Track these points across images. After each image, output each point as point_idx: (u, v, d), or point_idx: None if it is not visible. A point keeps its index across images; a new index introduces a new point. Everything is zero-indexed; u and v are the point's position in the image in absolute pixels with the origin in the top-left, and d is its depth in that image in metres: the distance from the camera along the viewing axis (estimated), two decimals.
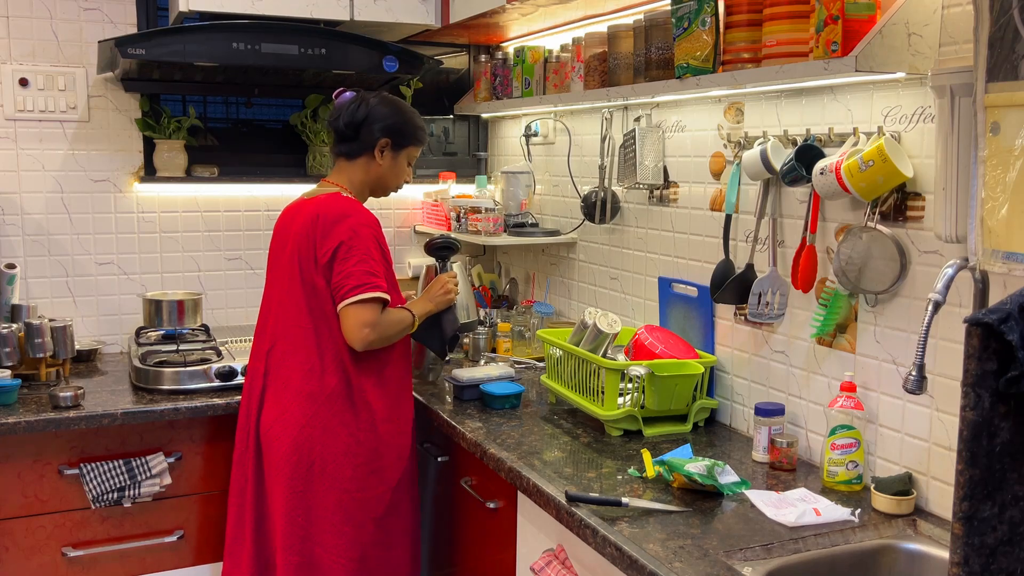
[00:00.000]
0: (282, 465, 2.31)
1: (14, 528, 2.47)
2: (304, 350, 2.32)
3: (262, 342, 2.41)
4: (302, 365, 2.32)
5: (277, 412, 2.33)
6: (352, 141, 2.40)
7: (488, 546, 2.33)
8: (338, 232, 2.26)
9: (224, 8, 2.83)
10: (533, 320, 3.09)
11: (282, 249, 2.38)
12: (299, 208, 2.39)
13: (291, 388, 2.32)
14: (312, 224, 2.29)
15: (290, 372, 2.33)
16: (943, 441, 1.81)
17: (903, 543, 1.74)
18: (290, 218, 2.40)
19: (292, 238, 2.34)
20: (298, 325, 2.33)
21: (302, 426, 2.30)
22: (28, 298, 3.04)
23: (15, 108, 2.99)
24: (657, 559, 1.60)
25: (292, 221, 2.37)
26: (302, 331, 2.32)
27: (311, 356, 2.31)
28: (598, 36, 2.64)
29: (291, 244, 2.34)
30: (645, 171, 2.61)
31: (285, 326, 2.35)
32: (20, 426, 2.39)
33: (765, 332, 2.28)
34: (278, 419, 2.32)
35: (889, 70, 1.75)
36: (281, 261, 2.38)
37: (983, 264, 1.54)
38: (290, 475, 2.30)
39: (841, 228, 2.03)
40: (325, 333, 2.31)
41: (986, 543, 0.94)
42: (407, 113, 2.46)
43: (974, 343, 0.92)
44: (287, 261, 2.35)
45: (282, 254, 2.38)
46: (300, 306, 2.32)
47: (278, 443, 2.32)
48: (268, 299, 2.44)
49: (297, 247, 2.32)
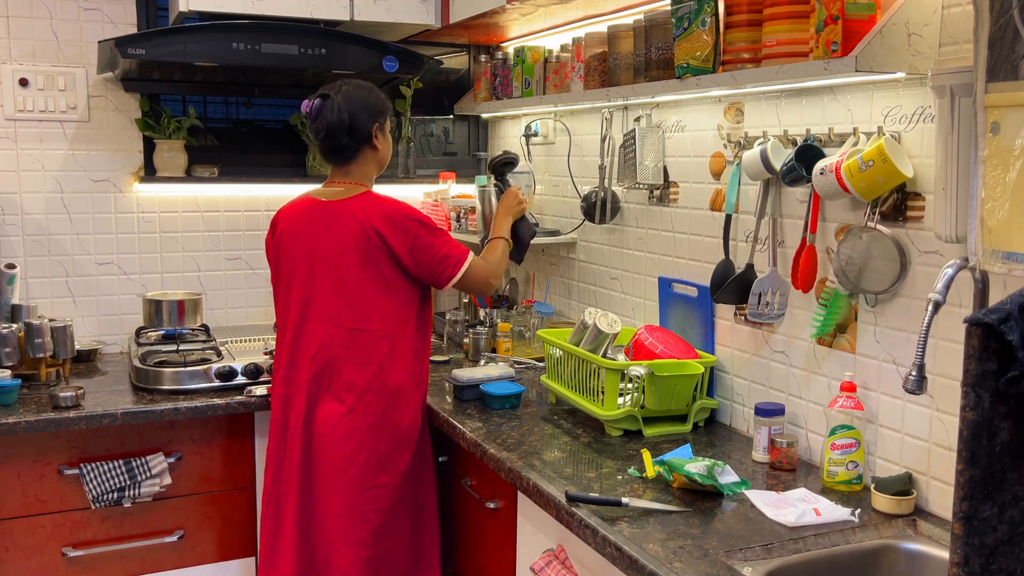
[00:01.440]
0: (346, 465, 2.33)
1: (14, 528, 2.47)
2: (371, 350, 2.35)
3: (309, 346, 2.37)
4: (369, 364, 2.35)
5: (341, 412, 2.34)
6: (347, 146, 2.40)
7: (488, 546, 2.33)
8: (405, 225, 2.33)
9: (224, 8, 2.83)
10: (533, 320, 3.09)
11: (328, 254, 2.35)
12: (331, 211, 2.36)
13: (357, 388, 2.34)
14: (372, 225, 2.32)
15: (354, 374, 2.35)
16: (943, 441, 1.81)
17: (903, 543, 1.74)
18: (321, 223, 2.36)
19: (345, 242, 2.33)
20: (361, 327, 2.35)
21: (371, 424, 2.34)
22: (28, 298, 3.04)
23: (15, 108, 2.99)
24: (657, 559, 1.60)
25: (331, 225, 2.35)
26: (369, 332, 2.35)
27: (378, 354, 2.35)
28: (598, 36, 2.64)
29: (344, 248, 2.33)
30: (645, 171, 2.61)
31: (345, 329, 2.35)
32: (20, 426, 2.39)
33: (765, 332, 2.28)
34: (343, 419, 2.33)
35: (889, 70, 1.75)
36: (331, 265, 2.34)
37: (983, 264, 1.54)
38: (358, 472, 2.34)
39: (841, 228, 2.03)
40: (393, 330, 2.37)
41: (986, 543, 0.94)
42: (371, 89, 2.46)
43: (974, 343, 0.92)
44: (340, 265, 2.34)
45: (331, 259, 2.35)
46: (367, 306, 2.34)
47: (342, 443, 2.33)
48: (309, 304, 2.37)
49: (359, 250, 2.32)
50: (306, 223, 2.40)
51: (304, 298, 2.38)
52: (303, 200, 2.44)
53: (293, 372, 2.40)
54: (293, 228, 2.42)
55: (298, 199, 2.46)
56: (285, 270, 2.43)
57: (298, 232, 2.40)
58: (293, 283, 2.41)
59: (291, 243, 2.41)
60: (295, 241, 2.40)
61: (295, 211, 2.43)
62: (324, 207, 2.38)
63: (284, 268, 2.44)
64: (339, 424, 2.33)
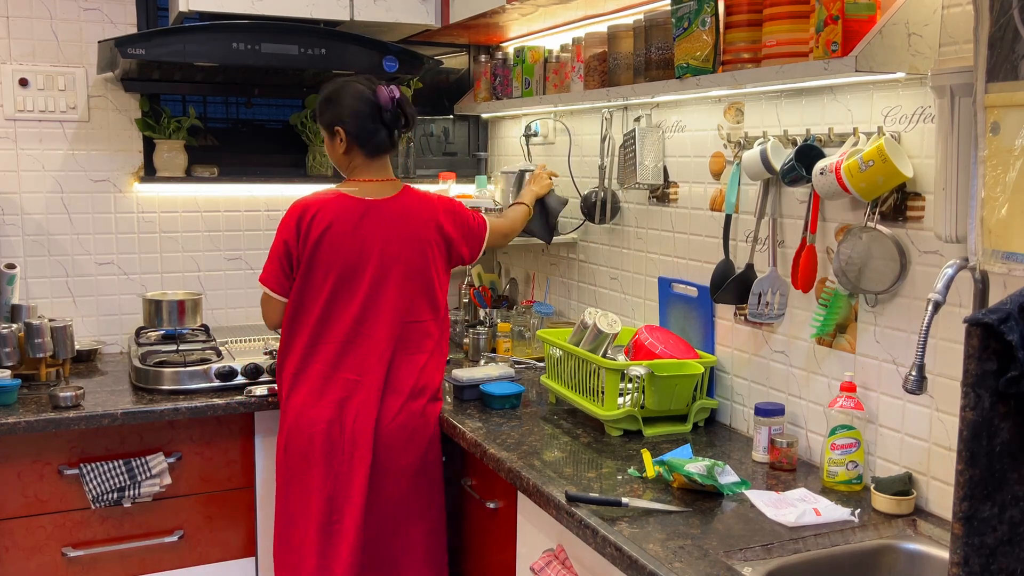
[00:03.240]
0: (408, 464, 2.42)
1: (14, 528, 2.47)
2: (423, 348, 2.46)
3: (373, 347, 2.42)
4: (424, 362, 2.46)
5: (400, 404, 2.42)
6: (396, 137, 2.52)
7: (488, 546, 2.33)
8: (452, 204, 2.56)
9: (224, 8, 2.83)
10: (533, 320, 3.09)
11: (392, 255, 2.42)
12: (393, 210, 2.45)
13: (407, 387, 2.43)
14: (435, 223, 2.48)
15: (409, 374, 2.44)
16: (943, 441, 1.81)
17: (903, 543, 1.74)
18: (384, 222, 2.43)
19: (409, 241, 2.43)
20: (418, 320, 2.46)
21: (435, 422, 2.46)
22: (28, 298, 3.04)
23: (15, 108, 2.99)
24: (657, 559, 1.60)
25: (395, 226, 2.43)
26: (423, 329, 2.46)
27: (428, 352, 2.47)
28: (598, 36, 2.64)
29: (409, 246, 2.43)
30: (645, 171, 2.61)
31: (401, 327, 2.43)
32: (20, 426, 2.39)
33: (765, 332, 2.28)
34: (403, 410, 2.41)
35: (889, 70, 1.75)
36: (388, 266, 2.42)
37: (983, 264, 1.54)
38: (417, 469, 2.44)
39: (841, 228, 2.03)
40: (441, 326, 2.52)
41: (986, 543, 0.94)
42: None
43: (974, 343, 0.92)
44: (401, 264, 2.43)
45: (395, 260, 2.42)
46: (421, 305, 2.46)
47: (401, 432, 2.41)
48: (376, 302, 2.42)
49: (421, 247, 2.45)
50: (365, 222, 2.42)
51: (370, 296, 2.42)
52: (347, 199, 2.44)
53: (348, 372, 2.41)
54: (345, 227, 2.41)
55: (337, 196, 2.44)
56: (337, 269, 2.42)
57: (353, 231, 2.41)
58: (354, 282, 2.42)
59: (346, 241, 2.41)
60: (350, 240, 2.41)
61: (343, 209, 2.42)
62: (382, 206, 2.44)
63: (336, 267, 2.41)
64: (399, 414, 2.40)
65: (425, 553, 2.46)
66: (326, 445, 2.39)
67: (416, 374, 2.45)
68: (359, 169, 2.49)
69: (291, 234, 2.42)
